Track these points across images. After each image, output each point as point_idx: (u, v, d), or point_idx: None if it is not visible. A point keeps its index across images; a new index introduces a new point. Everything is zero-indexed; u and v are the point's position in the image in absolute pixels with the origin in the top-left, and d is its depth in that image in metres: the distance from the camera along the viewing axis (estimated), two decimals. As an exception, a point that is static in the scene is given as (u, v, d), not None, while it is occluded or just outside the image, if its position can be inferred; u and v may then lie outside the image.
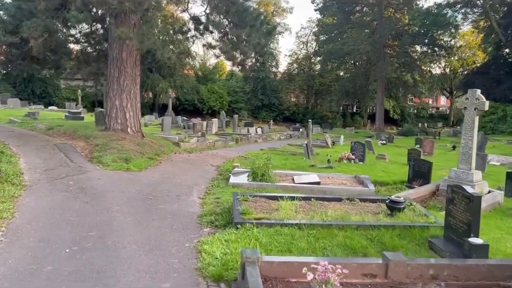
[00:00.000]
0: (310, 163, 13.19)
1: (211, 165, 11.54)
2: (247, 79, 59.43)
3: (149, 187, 7.77)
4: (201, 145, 17.64)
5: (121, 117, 12.61)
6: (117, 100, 12.57)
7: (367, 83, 48.93)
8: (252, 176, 7.99)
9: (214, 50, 14.52)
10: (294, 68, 62.58)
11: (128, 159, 10.20)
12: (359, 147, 14.43)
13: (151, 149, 12.10)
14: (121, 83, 12.55)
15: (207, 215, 5.99)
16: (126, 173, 8.97)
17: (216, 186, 8.25)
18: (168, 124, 20.77)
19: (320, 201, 6.24)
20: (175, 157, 12.53)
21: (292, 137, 33.35)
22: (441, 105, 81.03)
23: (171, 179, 8.91)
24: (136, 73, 12.90)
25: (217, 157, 13.96)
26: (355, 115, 61.14)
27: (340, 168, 12.00)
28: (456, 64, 59.88)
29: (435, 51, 44.74)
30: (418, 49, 46.32)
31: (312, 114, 59.01)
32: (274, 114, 57.09)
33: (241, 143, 23.02)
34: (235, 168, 9.80)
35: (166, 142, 14.74)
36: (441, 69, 61.46)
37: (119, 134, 12.26)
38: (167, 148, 13.43)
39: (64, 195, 6.76)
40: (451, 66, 60.51)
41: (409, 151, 16.41)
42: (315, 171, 11.13)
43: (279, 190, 7.61)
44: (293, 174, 9.06)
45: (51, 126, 15.28)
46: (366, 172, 11.78)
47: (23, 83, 43.79)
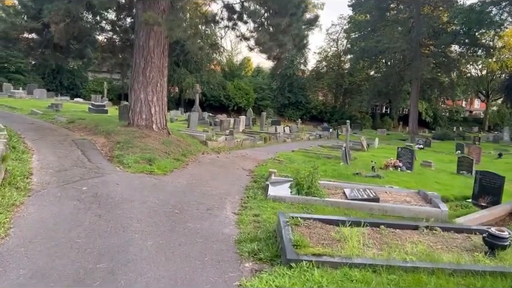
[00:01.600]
0: (352, 170, 11.78)
1: (242, 169, 10.31)
2: (274, 76, 58.08)
3: (174, 197, 6.58)
4: (229, 144, 16.48)
5: (146, 113, 11.52)
6: (142, 93, 11.48)
7: (400, 83, 46.75)
8: (297, 189, 6.69)
9: (248, 42, 13.27)
10: (323, 66, 60.88)
11: (152, 160, 9.07)
12: (407, 154, 12.93)
13: (177, 148, 10.96)
14: (147, 75, 11.46)
15: (247, 241, 4.74)
16: (149, 178, 7.83)
17: (252, 197, 6.99)
18: (195, 121, 19.69)
19: (390, 228, 4.89)
20: (202, 158, 11.36)
21: (321, 137, 31.89)
22: (475, 109, 77.62)
23: (200, 185, 7.71)
24: (163, 64, 11.78)
25: (247, 159, 12.73)
26: (384, 116, 58.97)
27: (389, 178, 10.56)
28: (494, 66, 56.85)
29: (475, 51, 42.20)
30: (457, 48, 43.89)
31: (341, 113, 57.20)
32: (301, 112, 55.61)
33: (269, 142, 21.82)
34: (272, 175, 8.53)
35: (193, 140, 13.60)
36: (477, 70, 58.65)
37: (143, 130, 11.18)
38: (194, 148, 12.29)
39: (74, 205, 5.64)
40: (488, 68, 57.56)
41: (459, 159, 14.78)
42: (361, 180, 9.75)
43: (330, 207, 6.30)
44: (340, 186, 7.71)
45: (72, 120, 14.38)
46: (419, 183, 10.33)
47: (51, 74, 43.86)
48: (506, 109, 59.61)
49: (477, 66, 56.76)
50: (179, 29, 9.80)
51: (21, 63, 40.22)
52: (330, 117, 56.22)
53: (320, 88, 59.21)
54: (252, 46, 13.36)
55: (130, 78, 11.95)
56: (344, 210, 6.29)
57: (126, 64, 15.36)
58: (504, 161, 20.63)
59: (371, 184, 9.12)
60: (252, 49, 13.56)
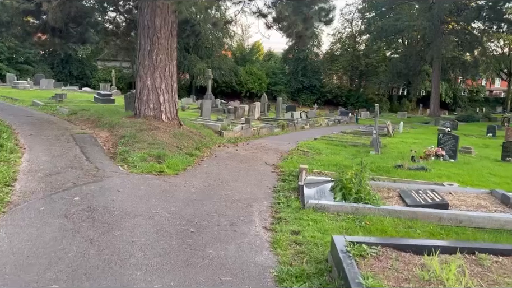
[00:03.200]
0: (387, 160, 10.33)
1: (266, 164, 8.93)
2: (287, 60, 56.32)
3: (189, 207, 5.24)
4: (246, 133, 15.13)
5: (153, 101, 10.18)
6: (148, 79, 10.12)
7: (420, 64, 44.57)
8: (342, 193, 5.29)
9: (265, 19, 11.77)
10: (337, 48, 58.80)
11: (161, 157, 7.76)
12: (449, 140, 11.38)
13: (190, 141, 9.61)
14: (154, 58, 10.08)
15: (291, 279, 3.38)
16: (157, 180, 6.49)
17: (285, 204, 5.61)
18: (208, 109, 18.30)
19: (491, 255, 3.48)
20: (219, 151, 10.00)
21: (340, 123, 30.30)
22: (495, 88, 74.69)
23: (219, 188, 6.36)
24: (172, 45, 10.38)
25: (268, 150, 11.34)
26: (402, 99, 56.79)
27: (437, 170, 9.06)
28: (518, 42, 54.10)
29: (500, 26, 39.73)
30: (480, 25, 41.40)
31: (357, 97, 55.30)
32: (315, 96, 53.88)
33: (287, 129, 20.46)
34: (303, 173, 7.14)
35: (207, 131, 12.25)
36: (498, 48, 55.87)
37: (150, 122, 9.85)
38: (209, 139, 10.93)
39: (60, 224, 4.35)
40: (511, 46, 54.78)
41: (505, 144, 13.20)
42: (406, 175, 8.30)
43: (388, 218, 4.90)
44: (390, 186, 6.28)
45: (75, 111, 13.14)
46: (473, 176, 8.85)
47: (60, 64, 43.01)
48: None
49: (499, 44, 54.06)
50: (188, 3, 8.36)
51: (29, 53, 39.30)
52: (345, 101, 54.35)
53: (334, 71, 57.26)
54: (270, 24, 11.87)
55: (136, 63, 10.59)
56: (406, 221, 4.88)
57: (132, 48, 14.00)
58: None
59: (418, 180, 7.69)
60: (270, 27, 12.07)
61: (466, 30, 40.67)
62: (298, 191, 6.31)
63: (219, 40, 49.54)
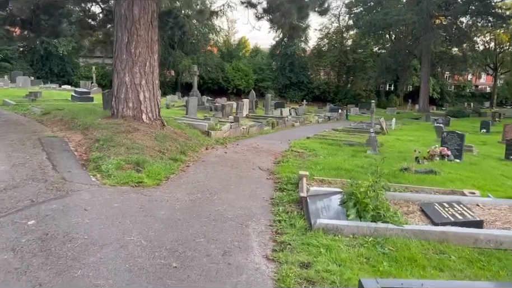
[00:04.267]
0: (389, 161, 9.52)
1: (259, 169, 8.00)
2: (274, 56, 55.40)
3: (171, 230, 4.28)
4: (235, 132, 14.20)
5: (133, 100, 9.16)
6: (127, 75, 9.09)
7: (409, 59, 44.12)
8: (356, 210, 4.40)
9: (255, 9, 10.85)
10: (324, 43, 58.12)
11: (141, 164, 6.77)
12: (454, 139, 10.61)
13: (174, 144, 8.63)
14: (132, 52, 9.05)
15: None
16: (135, 193, 5.51)
17: (287, 222, 4.69)
18: (194, 107, 17.29)
19: None
20: (206, 154, 9.04)
21: (330, 120, 29.57)
22: (480, 83, 74.95)
23: (207, 202, 5.41)
24: (152, 37, 9.36)
25: (260, 152, 10.42)
26: (390, 94, 56.41)
27: (446, 173, 8.26)
28: (504, 37, 54.14)
29: (489, 21, 39.45)
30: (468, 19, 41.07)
31: (344, 92, 54.79)
32: (303, 93, 53.15)
33: (277, 127, 19.64)
34: (303, 180, 6.24)
35: (193, 131, 11.27)
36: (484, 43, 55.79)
37: (129, 123, 8.83)
38: (196, 141, 9.96)
39: (3, 261, 3.36)
40: (497, 40, 54.81)
41: (508, 141, 12.51)
42: (414, 180, 7.48)
43: (414, 240, 4.03)
44: (408, 197, 5.41)
45: (48, 111, 12.02)
46: (484, 178, 8.06)
47: (40, 61, 41.40)
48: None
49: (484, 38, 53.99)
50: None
51: (7, 49, 37.56)
52: (333, 97, 53.75)
53: (322, 66, 56.57)
54: (260, 15, 10.95)
55: (113, 57, 9.55)
56: (436, 244, 4.02)
57: (110, 41, 12.88)
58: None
59: (433, 187, 6.87)
60: (260, 18, 11.14)
61: (455, 25, 40.32)
62: (300, 204, 5.42)
63: (204, 36, 48.38)
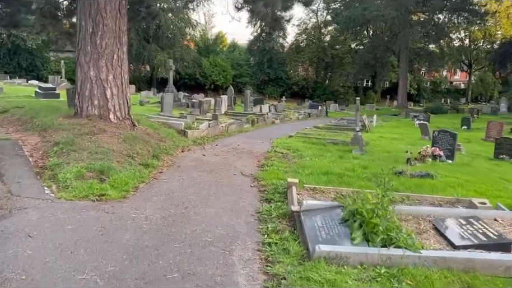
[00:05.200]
0: (378, 163, 8.88)
1: (242, 174, 7.18)
2: (252, 52, 54.55)
3: (137, 262, 3.42)
4: (214, 131, 13.34)
5: (98, 97, 8.17)
6: (92, 70, 8.10)
7: (387, 55, 44.03)
8: (362, 232, 3.64)
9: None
10: (302, 39, 57.68)
11: (105, 172, 5.85)
12: (445, 138, 10.05)
13: (146, 147, 7.71)
14: (98, 43, 8.06)
15: None
16: (95, 210, 4.61)
17: (279, 247, 3.87)
18: (169, 103, 16.29)
19: None
20: (182, 158, 8.15)
21: (310, 116, 28.96)
22: (455, 79, 76.14)
23: (183, 220, 4.56)
24: (121, 27, 8.38)
25: (241, 153, 9.60)
26: (368, 90, 56.46)
27: (443, 177, 7.64)
28: (478, 34, 54.92)
29: (466, 17, 39.62)
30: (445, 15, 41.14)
31: (323, 89, 54.52)
32: (282, 89, 52.55)
33: (257, 125, 18.88)
34: (292, 188, 5.47)
35: (168, 130, 10.34)
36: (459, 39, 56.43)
37: (95, 123, 7.85)
38: (171, 142, 9.04)
39: None
40: (471, 37, 55.56)
41: (498, 140, 12.09)
42: (412, 185, 6.82)
43: (435, 270, 3.31)
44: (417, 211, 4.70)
45: (6, 109, 10.87)
46: (483, 182, 7.49)
47: (8, 55, 39.34)
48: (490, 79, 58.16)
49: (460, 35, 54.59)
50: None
51: (-28, 43, 35.53)
52: (312, 93, 53.39)
53: (300, 62, 56.10)
54: (240, 4, 10.11)
55: (76, 49, 8.52)
56: (461, 275, 3.31)
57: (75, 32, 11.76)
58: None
59: (435, 195, 6.24)
60: (240, 8, 10.30)
61: (432, 21, 40.35)
62: (292, 220, 4.64)
63: (181, 30, 47.07)
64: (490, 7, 41.55)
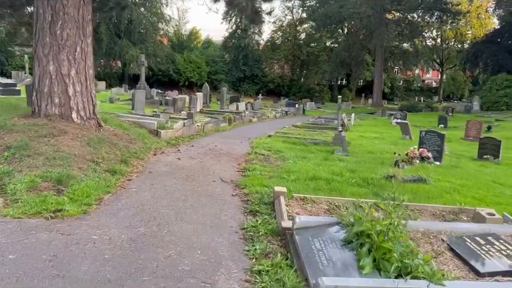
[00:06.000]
0: (369, 167, 8.36)
1: (221, 180, 6.48)
2: (227, 48, 53.71)
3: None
4: (189, 130, 12.60)
5: (59, 94, 7.28)
6: (51, 64, 7.20)
7: (362, 53, 44.10)
8: (372, 257, 3.03)
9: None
10: (278, 37, 57.29)
11: (64, 181, 5.05)
12: (433, 139, 9.65)
13: (113, 150, 6.90)
14: (58, 34, 7.17)
15: None
16: (47, 232, 3.82)
17: (271, 277, 3.20)
18: (141, 101, 15.39)
19: None
20: (155, 162, 7.36)
21: (287, 115, 28.50)
22: (427, 78, 77.58)
23: (154, 242, 3.83)
24: (85, 16, 7.51)
25: (220, 155, 8.90)
26: (343, 88, 56.62)
27: (436, 181, 7.18)
28: (450, 34, 55.96)
29: (440, 17, 40.12)
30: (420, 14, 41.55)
31: (299, 86, 54.31)
32: (257, 86, 51.99)
33: (234, 124, 18.24)
34: (280, 199, 4.82)
35: (140, 131, 9.50)
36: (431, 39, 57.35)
37: (55, 123, 6.97)
38: (142, 144, 8.23)
39: None
40: (443, 36, 56.54)
41: (482, 140, 11.83)
42: (407, 191, 6.29)
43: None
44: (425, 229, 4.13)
45: (-44, 107, 9.76)
46: (479, 187, 7.07)
47: (-31, 49, 37.17)
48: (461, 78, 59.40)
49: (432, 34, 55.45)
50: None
51: None
52: (288, 91, 53.10)
53: (276, 60, 55.63)
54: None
55: (33, 41, 7.58)
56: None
57: (36, 24, 10.72)
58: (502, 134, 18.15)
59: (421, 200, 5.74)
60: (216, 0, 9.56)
61: (406, 19, 40.62)
62: (283, 238, 4.00)
63: (153, 25, 45.73)
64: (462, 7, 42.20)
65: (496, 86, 33.51)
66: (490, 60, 37.00)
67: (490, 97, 33.44)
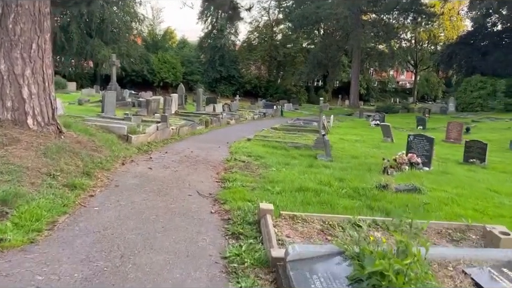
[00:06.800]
0: (357, 174, 7.82)
1: (198, 194, 5.76)
2: (203, 49, 52.79)
3: None
4: (163, 134, 11.81)
5: (12, 97, 6.39)
6: (2, 62, 6.30)
7: (339, 54, 44.02)
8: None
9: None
10: (254, 37, 56.78)
11: (10, 202, 4.23)
12: (421, 143, 9.19)
13: (75, 160, 6.07)
14: (10, 28, 6.29)
15: None
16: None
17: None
18: (112, 102, 14.47)
19: None
20: (122, 173, 6.56)
21: (265, 116, 27.92)
22: (401, 79, 78.66)
23: (116, 281, 3.09)
24: (42, 9, 6.64)
25: (196, 163, 8.17)
26: (319, 90, 56.59)
27: (430, 190, 6.66)
28: (423, 35, 56.82)
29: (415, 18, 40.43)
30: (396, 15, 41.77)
31: (275, 88, 53.93)
32: (234, 87, 51.26)
33: (211, 126, 17.52)
34: (266, 218, 4.16)
35: (108, 136, 8.65)
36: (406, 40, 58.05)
37: (6, 130, 6.08)
38: (109, 152, 7.41)
39: None
40: (417, 38, 57.33)
41: (467, 143, 11.50)
42: (401, 203, 5.75)
43: None
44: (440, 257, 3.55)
45: None
46: (474, 195, 6.60)
47: None
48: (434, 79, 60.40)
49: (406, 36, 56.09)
50: None
51: None
52: (265, 92, 52.60)
53: (252, 61, 55.06)
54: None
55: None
56: None
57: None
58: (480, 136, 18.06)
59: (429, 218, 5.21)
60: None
61: (383, 21, 40.76)
62: (273, 270, 3.34)
63: (126, 24, 44.39)
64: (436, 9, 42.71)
65: (470, 87, 33.93)
66: (464, 61, 37.49)
67: (465, 98, 33.82)
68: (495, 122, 26.49)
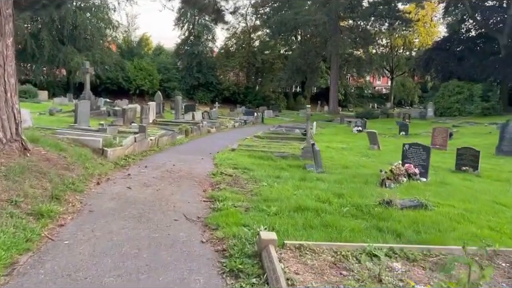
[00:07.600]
0: (355, 187, 7.29)
1: (185, 218, 5.08)
2: (180, 55, 51.97)
3: None
4: (141, 146, 11.03)
5: (-32, 110, 5.59)
6: (-44, 70, 5.51)
7: (318, 60, 43.96)
8: None
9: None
10: (232, 44, 56.31)
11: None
12: (418, 152, 8.73)
13: (42, 182, 5.29)
14: (-36, 32, 5.51)
15: None
16: None
17: None
18: (85, 113, 13.61)
19: None
20: (98, 195, 5.80)
21: (246, 123, 27.34)
22: (377, 85, 79.54)
23: None
24: (3, 11, 5.85)
25: (180, 179, 7.47)
26: (298, 96, 56.52)
27: (437, 205, 6.17)
28: (399, 41, 57.65)
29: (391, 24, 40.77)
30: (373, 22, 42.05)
31: (254, 94, 53.52)
32: (212, 94, 50.52)
33: (192, 135, 16.79)
34: (270, 250, 3.54)
35: (81, 151, 7.84)
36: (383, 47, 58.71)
37: (-40, 148, 5.28)
38: (81, 170, 6.63)
39: None
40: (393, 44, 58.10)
41: (459, 151, 11.16)
42: (409, 222, 5.23)
43: None
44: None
45: None
46: (484, 210, 6.14)
47: None
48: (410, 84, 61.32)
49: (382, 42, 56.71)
50: None
51: None
52: (243, 99, 52.10)
53: (230, 67, 54.48)
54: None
55: None
56: None
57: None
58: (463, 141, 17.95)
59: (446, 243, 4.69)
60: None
61: (360, 27, 40.95)
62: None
63: (100, 31, 43.12)
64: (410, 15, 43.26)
65: (448, 92, 34.25)
66: (440, 67, 37.92)
67: (443, 103, 34.11)
68: (475, 126, 26.66)
